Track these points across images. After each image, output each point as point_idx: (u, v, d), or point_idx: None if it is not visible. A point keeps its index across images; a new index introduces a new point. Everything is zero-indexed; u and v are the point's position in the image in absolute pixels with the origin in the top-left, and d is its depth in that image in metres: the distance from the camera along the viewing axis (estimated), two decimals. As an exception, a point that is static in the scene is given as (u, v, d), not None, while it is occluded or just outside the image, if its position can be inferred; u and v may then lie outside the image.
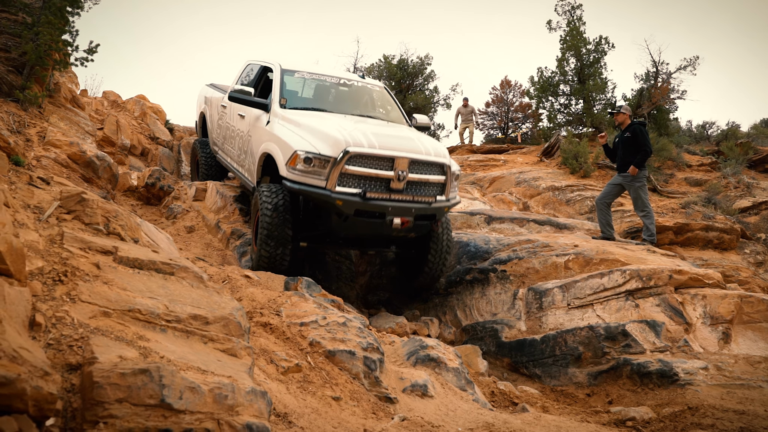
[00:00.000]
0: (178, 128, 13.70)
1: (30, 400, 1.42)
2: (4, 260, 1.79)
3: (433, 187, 6.50)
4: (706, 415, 4.65)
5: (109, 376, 1.71)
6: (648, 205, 8.19)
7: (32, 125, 8.27)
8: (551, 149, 15.76)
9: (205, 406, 1.84)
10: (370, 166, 6.04)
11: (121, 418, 1.66)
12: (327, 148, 5.97)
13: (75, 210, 2.80)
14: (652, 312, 6.16)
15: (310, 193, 6.00)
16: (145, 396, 1.72)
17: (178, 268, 2.74)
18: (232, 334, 2.53)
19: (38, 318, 1.90)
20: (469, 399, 4.60)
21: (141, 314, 2.27)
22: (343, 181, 5.97)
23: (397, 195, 6.17)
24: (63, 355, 1.85)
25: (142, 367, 1.76)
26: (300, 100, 7.63)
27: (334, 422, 3.25)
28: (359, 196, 5.95)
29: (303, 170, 5.96)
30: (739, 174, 13.74)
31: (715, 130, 20.23)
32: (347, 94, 8.17)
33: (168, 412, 1.75)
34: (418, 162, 6.26)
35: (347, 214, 5.97)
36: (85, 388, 1.73)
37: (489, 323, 7.01)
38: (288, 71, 7.72)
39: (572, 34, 17.63)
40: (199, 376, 1.91)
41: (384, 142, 6.16)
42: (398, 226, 6.15)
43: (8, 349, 1.39)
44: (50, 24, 8.54)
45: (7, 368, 1.35)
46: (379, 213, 6.07)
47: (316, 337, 4.26)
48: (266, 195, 6.22)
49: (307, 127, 6.39)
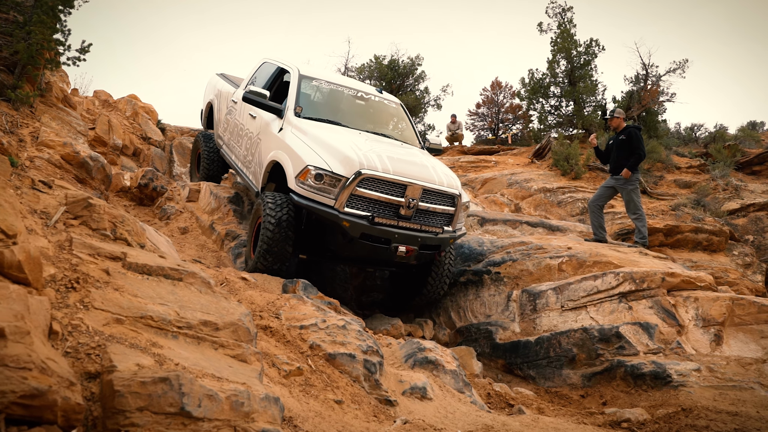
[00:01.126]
0: (170, 128, 13.63)
1: (59, 410, 1.44)
2: (22, 269, 1.80)
3: (441, 217, 6.43)
4: (700, 417, 4.72)
5: (130, 385, 1.72)
6: (640, 207, 8.27)
7: (25, 125, 8.21)
8: (542, 151, 15.85)
9: (223, 413, 1.86)
10: (381, 190, 5.94)
11: (143, 427, 1.67)
12: (340, 167, 5.84)
13: (82, 215, 2.81)
14: (645, 314, 6.22)
15: (317, 210, 5.87)
16: (166, 404, 1.74)
17: (186, 274, 2.75)
18: (242, 340, 2.55)
19: (55, 326, 1.91)
20: (467, 401, 4.64)
21: (153, 321, 2.29)
22: (352, 202, 5.86)
23: (405, 222, 6.08)
24: (81, 363, 1.86)
25: (162, 375, 1.78)
26: (315, 109, 7.38)
27: (338, 426, 3.28)
28: (367, 219, 5.85)
29: (312, 186, 5.83)
30: (728, 176, 13.89)
31: (703, 133, 20.43)
32: (363, 109, 7.99)
33: (187, 420, 1.77)
34: (430, 191, 6.19)
35: (353, 237, 5.86)
36: (105, 397, 1.74)
37: (483, 325, 7.06)
38: (306, 77, 7.52)
39: (563, 36, 17.74)
40: (216, 384, 1.93)
41: (398, 167, 6.05)
42: (402, 254, 6.08)
43: (37, 361, 1.40)
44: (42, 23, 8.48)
45: (38, 380, 1.36)
46: (385, 239, 5.98)
47: (317, 340, 4.28)
48: (270, 207, 6.05)
49: (321, 141, 6.23)
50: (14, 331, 1.40)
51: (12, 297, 1.52)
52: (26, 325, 1.45)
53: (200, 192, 9.03)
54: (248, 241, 6.77)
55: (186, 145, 12.78)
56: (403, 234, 6.03)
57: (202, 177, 9.59)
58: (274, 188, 6.79)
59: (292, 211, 6.06)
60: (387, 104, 8.26)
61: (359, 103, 7.95)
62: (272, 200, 6.11)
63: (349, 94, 7.87)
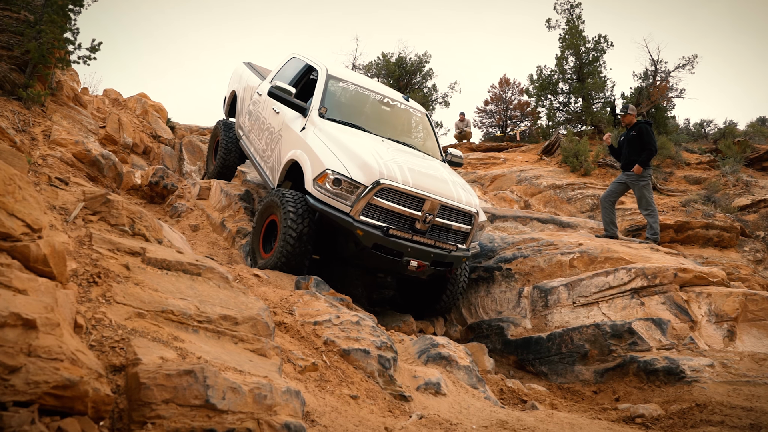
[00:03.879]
0: (179, 126, 13.68)
1: (90, 401, 1.45)
2: (48, 263, 1.82)
3: (456, 234, 6.36)
4: (715, 412, 4.70)
5: (155, 377, 1.73)
6: (652, 203, 8.24)
7: (36, 124, 8.27)
8: (551, 147, 15.80)
9: (246, 406, 1.87)
10: (398, 202, 5.86)
11: (168, 419, 1.69)
12: (359, 174, 5.75)
13: (100, 211, 2.83)
14: (657, 310, 6.21)
15: (331, 216, 5.76)
16: (191, 397, 1.75)
17: (205, 269, 2.77)
18: (261, 334, 2.56)
19: (79, 320, 1.93)
20: (481, 397, 4.64)
21: (174, 315, 2.30)
22: (368, 211, 5.77)
23: (419, 237, 5.99)
24: (106, 356, 1.88)
25: (187, 368, 1.79)
26: (339, 111, 7.19)
27: (355, 420, 3.29)
28: (381, 230, 5.76)
29: (329, 191, 5.73)
30: (738, 172, 13.81)
31: (713, 129, 20.31)
32: (388, 115, 7.84)
33: (212, 412, 1.78)
34: (447, 207, 6.12)
35: (365, 246, 5.76)
36: (131, 389, 1.75)
37: (494, 321, 7.05)
38: (333, 77, 7.40)
39: (571, 32, 17.67)
40: (239, 377, 1.95)
41: (418, 180, 5.96)
42: (413, 269, 5.99)
43: (68, 352, 1.42)
44: (53, 22, 8.54)
45: (70, 371, 1.37)
46: (397, 252, 5.88)
47: (331, 336, 4.29)
48: (292, 219, 5.87)
49: (343, 145, 6.13)
50: (45, 322, 1.41)
51: (41, 290, 1.54)
52: (56, 317, 1.46)
53: (211, 190, 9.06)
54: (255, 235, 6.62)
55: (196, 143, 12.82)
56: (415, 248, 5.94)
57: (218, 165, 9.41)
58: (290, 187, 6.71)
59: (313, 224, 5.94)
60: (412, 113, 8.13)
61: (384, 109, 7.83)
62: (294, 210, 5.92)
63: (375, 98, 7.75)
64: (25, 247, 1.75)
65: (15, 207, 1.76)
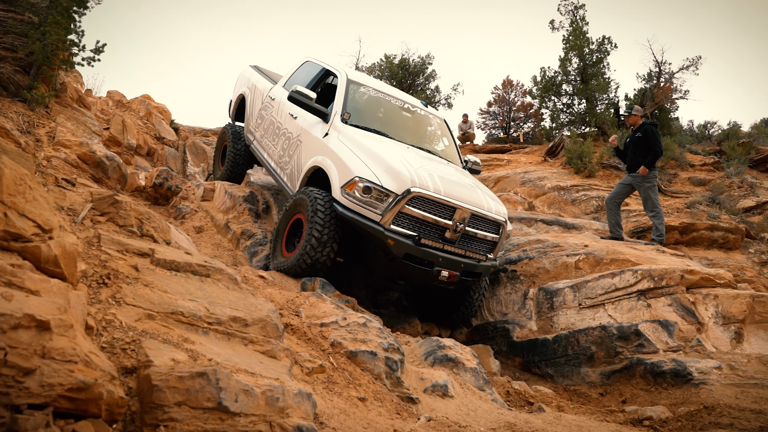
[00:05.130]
0: (183, 128, 13.68)
1: (104, 404, 1.43)
2: (58, 264, 1.80)
3: (484, 244, 6.24)
4: (723, 415, 4.67)
5: (168, 380, 1.72)
6: (658, 205, 8.21)
7: (41, 125, 8.26)
8: (555, 149, 15.78)
9: (258, 408, 1.85)
10: (429, 210, 5.70)
11: (181, 421, 1.67)
12: (390, 182, 5.57)
13: (108, 212, 2.81)
14: (664, 312, 6.18)
15: (361, 224, 5.57)
16: (203, 399, 1.73)
17: (214, 270, 2.75)
18: (270, 336, 2.54)
19: (89, 321, 1.91)
20: (488, 399, 4.62)
21: (184, 317, 2.28)
22: (399, 220, 5.59)
23: (450, 246, 5.85)
24: (117, 358, 1.86)
25: (200, 370, 1.77)
26: (361, 116, 6.98)
27: (363, 423, 3.26)
28: (413, 239, 5.59)
29: (359, 199, 5.55)
30: (743, 174, 13.77)
31: (716, 130, 20.26)
32: (409, 121, 7.68)
33: (225, 415, 1.76)
34: (478, 216, 6.01)
35: (395, 256, 5.57)
36: (143, 392, 1.74)
37: (500, 323, 7.03)
38: (354, 82, 7.24)
39: (575, 33, 17.66)
40: (251, 379, 1.93)
41: (449, 188, 5.83)
42: (444, 279, 5.82)
43: (81, 354, 1.40)
44: (57, 23, 8.54)
45: (84, 373, 1.36)
46: (429, 262, 5.71)
47: (338, 337, 4.27)
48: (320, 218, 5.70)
49: (370, 152, 5.96)
50: (59, 324, 1.40)
51: (53, 291, 1.52)
52: (69, 319, 1.45)
53: (215, 191, 9.04)
54: (278, 234, 6.42)
55: (199, 145, 12.81)
56: (447, 258, 5.79)
57: (226, 170, 9.25)
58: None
59: (339, 226, 5.77)
60: (432, 119, 8.02)
61: (405, 115, 7.67)
62: (322, 208, 5.76)
63: (395, 104, 7.58)
64: (36, 247, 1.73)
65: (26, 207, 1.75)
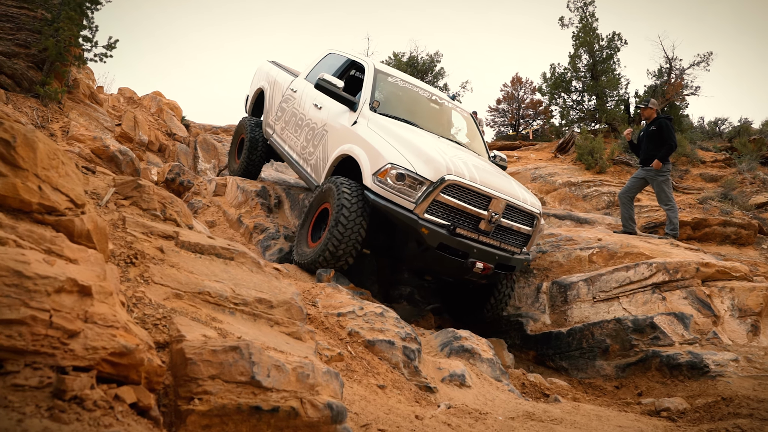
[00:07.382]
0: (194, 125, 13.72)
1: (144, 371, 1.44)
2: (91, 238, 1.81)
3: (518, 237, 6.07)
4: (742, 406, 4.64)
5: (201, 353, 1.72)
6: (672, 198, 8.18)
7: (54, 120, 8.31)
8: (566, 145, 15.75)
9: (290, 384, 1.85)
10: (465, 200, 5.51)
11: (215, 395, 1.67)
12: (425, 169, 5.38)
13: (132, 196, 2.82)
14: (679, 305, 6.15)
15: (394, 213, 5.35)
16: (236, 373, 1.73)
17: (237, 254, 2.76)
18: (295, 318, 2.54)
19: (120, 298, 1.91)
20: (505, 389, 4.61)
21: (211, 297, 2.28)
22: (433, 208, 5.40)
23: (484, 237, 5.66)
24: (150, 333, 1.86)
25: (232, 344, 1.77)
26: (390, 106, 6.85)
27: (384, 408, 3.27)
28: (447, 229, 5.40)
29: (392, 186, 5.35)
30: (755, 170, 13.70)
31: (727, 127, 20.14)
32: (437, 113, 7.59)
33: (257, 389, 1.75)
34: (513, 207, 5.84)
35: (429, 246, 5.37)
36: (176, 365, 1.74)
37: (513, 316, 7.01)
38: (382, 72, 7.13)
39: (585, 30, 17.61)
40: (281, 356, 1.93)
41: (484, 177, 5.66)
42: (479, 271, 5.60)
43: (122, 321, 1.40)
44: (70, 20, 8.58)
45: (126, 338, 1.36)
46: (463, 252, 5.51)
47: (355, 327, 4.27)
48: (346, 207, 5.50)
49: (402, 139, 5.80)
50: (99, 290, 1.40)
51: (91, 260, 1.52)
52: (109, 286, 1.45)
53: (227, 186, 9.05)
54: (305, 224, 6.27)
55: (210, 141, 12.84)
56: (481, 249, 5.60)
57: (243, 164, 9.14)
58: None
59: (367, 214, 5.57)
60: (459, 112, 7.97)
61: (433, 107, 7.57)
62: (348, 196, 5.57)
63: (423, 95, 7.49)
64: (69, 221, 1.74)
65: (59, 182, 1.75)
